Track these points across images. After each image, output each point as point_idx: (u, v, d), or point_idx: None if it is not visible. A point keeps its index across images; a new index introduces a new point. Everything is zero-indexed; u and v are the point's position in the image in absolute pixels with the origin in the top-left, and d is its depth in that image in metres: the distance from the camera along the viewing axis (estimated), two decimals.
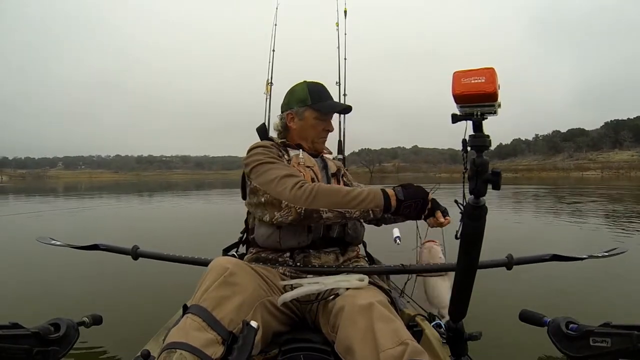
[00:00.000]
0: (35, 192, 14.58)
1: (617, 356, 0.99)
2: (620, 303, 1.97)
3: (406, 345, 0.68)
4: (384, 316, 0.74)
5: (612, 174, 38.33)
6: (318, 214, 0.92)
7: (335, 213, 0.92)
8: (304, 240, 1.01)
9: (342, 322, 0.77)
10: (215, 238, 2.17)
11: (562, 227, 4.68)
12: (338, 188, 0.96)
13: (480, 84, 0.62)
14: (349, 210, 0.92)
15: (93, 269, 2.58)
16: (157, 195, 12.94)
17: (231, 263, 0.81)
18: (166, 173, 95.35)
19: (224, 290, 0.75)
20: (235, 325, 0.71)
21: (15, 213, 6.58)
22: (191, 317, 0.70)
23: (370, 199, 0.92)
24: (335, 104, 1.19)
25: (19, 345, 0.88)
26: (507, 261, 1.27)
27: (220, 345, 0.68)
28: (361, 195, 0.92)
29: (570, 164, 55.83)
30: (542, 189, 14.10)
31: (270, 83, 2.23)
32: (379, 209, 0.92)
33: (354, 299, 0.80)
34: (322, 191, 0.93)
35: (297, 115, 1.13)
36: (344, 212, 0.92)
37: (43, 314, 1.31)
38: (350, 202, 0.92)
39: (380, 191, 0.94)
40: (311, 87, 1.14)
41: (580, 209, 6.63)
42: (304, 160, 1.09)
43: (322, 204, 0.91)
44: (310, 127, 1.13)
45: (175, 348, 0.64)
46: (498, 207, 6.85)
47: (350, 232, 1.08)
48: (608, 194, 10.63)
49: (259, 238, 1.04)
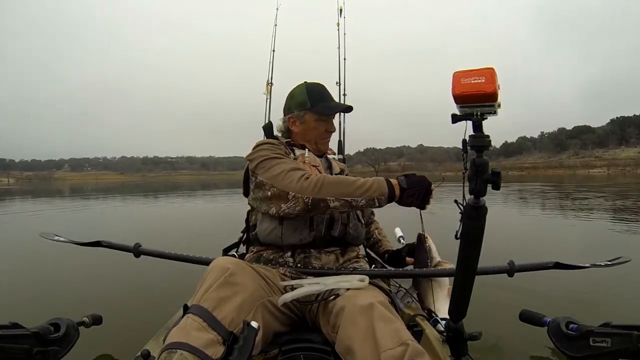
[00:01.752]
0: (42, 195, 14.64)
1: (617, 356, 0.99)
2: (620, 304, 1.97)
3: (407, 346, 0.68)
4: (384, 316, 0.75)
5: (618, 171, 37.93)
6: (325, 203, 0.93)
7: (342, 202, 0.93)
8: (305, 237, 1.01)
9: (343, 322, 0.77)
10: (216, 237, 2.17)
11: (567, 227, 4.65)
12: (344, 178, 0.98)
13: (480, 84, 0.62)
14: (355, 198, 0.93)
15: (93, 268, 2.58)
16: (162, 195, 13.01)
17: (232, 263, 0.81)
18: (172, 174, 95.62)
19: (225, 291, 0.75)
20: (235, 325, 0.71)
21: (22, 212, 6.59)
22: (192, 318, 0.70)
23: (375, 188, 0.94)
24: (335, 105, 1.19)
25: (19, 345, 0.88)
26: (508, 268, 1.24)
27: (221, 346, 0.68)
28: (366, 184, 0.94)
29: (577, 161, 55.38)
30: (548, 186, 14.06)
31: (270, 83, 2.23)
32: (383, 197, 0.94)
33: (355, 299, 0.80)
34: (328, 181, 0.95)
35: (298, 119, 1.15)
36: (351, 201, 0.93)
37: (42, 313, 1.31)
38: (356, 190, 0.93)
39: (384, 180, 0.95)
40: (310, 90, 1.15)
41: (588, 206, 6.61)
42: (310, 159, 1.12)
43: (329, 193, 0.93)
44: (311, 130, 1.15)
45: (175, 348, 0.64)
46: (503, 206, 6.84)
47: (351, 232, 1.08)
48: (615, 191, 10.58)
49: (261, 233, 1.05)
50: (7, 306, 1.93)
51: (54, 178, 77.81)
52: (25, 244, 3.61)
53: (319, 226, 1.03)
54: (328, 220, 1.05)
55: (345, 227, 1.07)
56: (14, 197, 13.31)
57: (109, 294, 2.14)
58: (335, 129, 1.20)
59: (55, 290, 2.23)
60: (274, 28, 2.48)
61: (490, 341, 1.40)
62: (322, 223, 1.04)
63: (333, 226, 1.05)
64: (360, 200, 0.94)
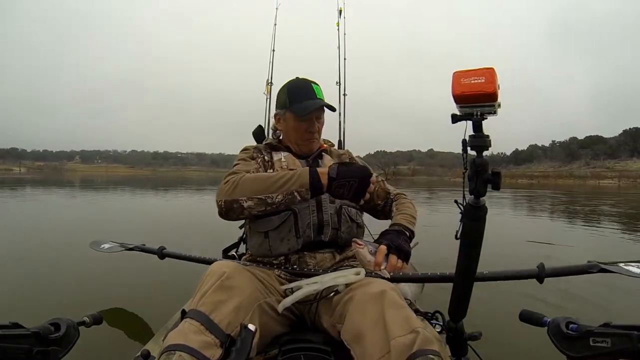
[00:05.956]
0: (53, 185, 14.60)
1: (617, 356, 0.99)
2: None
3: (417, 334, 0.68)
4: (395, 303, 0.74)
5: (629, 183, 37.86)
6: (238, 204, 0.91)
7: (255, 200, 0.91)
8: (293, 245, 1.00)
9: (352, 309, 0.77)
10: (217, 235, 2.16)
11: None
12: (265, 175, 0.94)
13: (480, 84, 0.62)
14: (270, 195, 0.90)
15: (94, 267, 2.58)
16: (172, 189, 13.17)
17: (228, 267, 0.81)
18: (182, 169, 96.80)
19: (221, 294, 0.75)
20: (233, 328, 0.71)
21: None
22: (189, 321, 0.70)
23: (294, 180, 0.90)
24: (309, 104, 1.07)
25: (19, 345, 0.88)
26: (537, 272, 1.08)
27: (219, 348, 0.68)
28: (284, 178, 0.91)
29: (587, 171, 55.20)
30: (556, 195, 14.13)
31: (270, 83, 2.23)
32: (304, 189, 0.89)
33: (365, 287, 0.80)
34: (244, 181, 0.92)
35: (282, 117, 1.13)
36: (265, 198, 0.90)
37: (43, 313, 1.30)
38: (270, 186, 0.90)
39: (309, 170, 0.91)
40: (290, 88, 1.11)
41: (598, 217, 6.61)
42: (286, 162, 1.09)
43: (241, 193, 0.91)
44: (292, 130, 1.12)
45: (174, 350, 0.65)
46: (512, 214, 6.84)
47: (343, 235, 1.05)
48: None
49: (252, 248, 1.06)
50: (6, 305, 1.94)
51: (65, 169, 78.69)
52: (26, 244, 3.61)
53: (305, 232, 1.00)
54: (316, 226, 1.02)
55: (336, 232, 1.04)
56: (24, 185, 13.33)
57: (109, 293, 2.14)
58: (316, 130, 1.11)
59: (54, 289, 2.23)
60: (274, 28, 2.48)
61: (491, 340, 1.40)
62: (310, 228, 1.01)
63: (323, 231, 1.02)
64: (275, 196, 0.90)
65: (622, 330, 0.97)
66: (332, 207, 1.05)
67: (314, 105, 1.07)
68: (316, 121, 1.11)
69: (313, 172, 0.90)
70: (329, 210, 1.05)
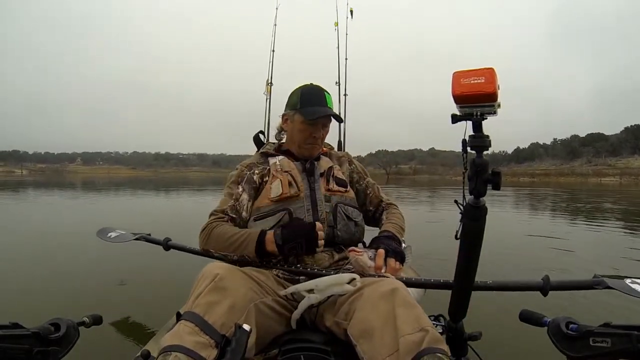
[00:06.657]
0: (54, 186, 14.61)
1: (617, 356, 0.99)
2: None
3: (426, 332, 0.68)
4: (406, 301, 0.75)
5: (631, 180, 37.59)
6: (211, 254, 1.04)
7: (219, 255, 1.02)
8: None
9: (361, 306, 0.78)
10: None
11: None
12: (225, 232, 1.01)
13: (480, 84, 0.62)
14: (229, 254, 1.00)
15: (94, 267, 2.58)
16: (173, 190, 13.13)
17: (222, 268, 0.82)
18: (183, 170, 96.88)
19: (214, 296, 0.75)
20: (227, 328, 0.72)
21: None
22: (184, 323, 0.71)
23: (244, 247, 0.97)
24: (317, 110, 1.11)
25: (19, 345, 0.88)
26: (542, 284, 1.05)
27: (214, 348, 0.68)
28: (238, 242, 0.97)
29: (589, 169, 54.81)
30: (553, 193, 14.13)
31: (270, 83, 2.23)
32: (252, 255, 0.96)
33: (376, 285, 0.80)
34: (213, 235, 1.02)
35: (290, 118, 1.16)
36: (227, 255, 1.00)
37: (42, 313, 1.31)
38: (229, 247, 0.99)
39: (257, 238, 0.96)
40: (304, 92, 1.14)
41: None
42: (281, 166, 1.12)
43: (211, 246, 1.03)
44: (297, 132, 1.14)
45: (170, 351, 0.65)
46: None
47: (340, 234, 1.07)
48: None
49: None
50: (6, 305, 1.94)
51: (67, 171, 78.76)
52: (25, 244, 3.61)
53: None
54: None
55: (332, 230, 1.06)
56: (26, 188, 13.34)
57: (109, 293, 2.15)
58: (320, 136, 1.15)
59: (54, 289, 2.23)
60: (274, 28, 2.48)
61: (491, 340, 1.40)
62: None
63: None
64: (233, 256, 0.99)
65: (622, 330, 0.97)
66: (328, 206, 1.08)
67: (324, 112, 1.11)
68: (322, 128, 1.15)
69: (260, 241, 0.95)
70: (325, 209, 1.06)
